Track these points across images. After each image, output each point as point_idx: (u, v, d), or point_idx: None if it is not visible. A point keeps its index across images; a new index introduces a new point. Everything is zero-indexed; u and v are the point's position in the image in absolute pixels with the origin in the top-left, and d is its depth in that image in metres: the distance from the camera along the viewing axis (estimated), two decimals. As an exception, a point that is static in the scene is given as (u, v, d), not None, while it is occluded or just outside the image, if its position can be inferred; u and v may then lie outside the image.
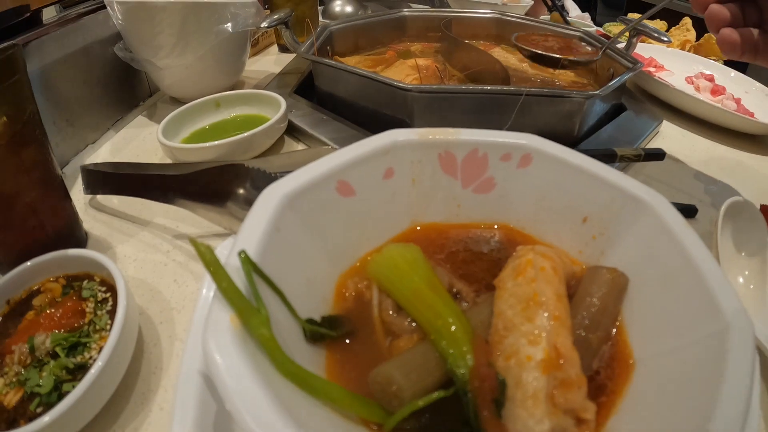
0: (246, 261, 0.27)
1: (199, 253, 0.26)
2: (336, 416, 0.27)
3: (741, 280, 0.58)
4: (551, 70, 0.98)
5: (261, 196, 0.33)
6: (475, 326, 0.33)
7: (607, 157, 0.66)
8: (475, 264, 0.41)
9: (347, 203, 0.38)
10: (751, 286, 0.57)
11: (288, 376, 0.25)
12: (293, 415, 0.22)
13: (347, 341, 0.33)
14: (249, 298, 0.26)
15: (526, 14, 1.30)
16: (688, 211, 0.68)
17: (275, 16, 0.84)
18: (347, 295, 0.36)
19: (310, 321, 0.32)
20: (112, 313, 0.45)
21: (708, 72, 1.12)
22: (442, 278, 0.36)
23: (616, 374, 0.33)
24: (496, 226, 0.44)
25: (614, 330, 0.36)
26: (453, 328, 0.31)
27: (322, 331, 0.32)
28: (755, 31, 0.56)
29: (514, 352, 0.30)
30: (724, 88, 1.06)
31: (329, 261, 0.37)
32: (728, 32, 0.56)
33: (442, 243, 0.42)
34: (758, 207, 0.69)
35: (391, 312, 0.34)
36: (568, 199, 0.42)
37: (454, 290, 0.37)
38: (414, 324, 0.33)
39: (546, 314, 0.31)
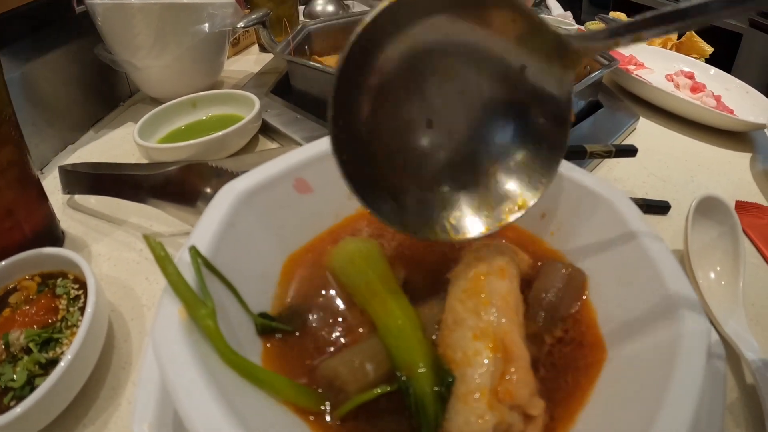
0: (195, 256, 0.28)
1: (151, 248, 0.27)
2: (278, 406, 0.28)
3: (712, 275, 0.58)
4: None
5: (218, 194, 0.33)
6: (427, 321, 0.33)
7: (577, 153, 0.66)
8: (435, 255, 0.41)
9: (304, 200, 0.39)
10: (723, 282, 0.57)
11: (232, 367, 0.26)
12: (233, 405, 0.23)
13: (297, 334, 0.34)
14: (197, 291, 0.27)
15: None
16: (661, 208, 0.68)
17: (252, 16, 0.85)
18: (302, 287, 0.37)
19: (263, 315, 0.33)
20: (83, 310, 0.46)
21: (688, 69, 1.12)
22: (397, 273, 0.37)
23: (589, 371, 0.33)
24: None
25: (566, 325, 0.36)
26: (400, 323, 0.31)
27: (274, 325, 0.32)
28: None
29: (461, 347, 0.31)
30: (704, 86, 1.05)
31: (285, 257, 0.38)
32: None
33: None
34: (734, 203, 0.70)
35: (344, 305, 0.35)
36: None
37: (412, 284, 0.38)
38: (365, 318, 0.34)
39: (494, 310, 0.32)
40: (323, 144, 0.40)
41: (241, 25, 0.84)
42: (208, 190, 0.50)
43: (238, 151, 0.76)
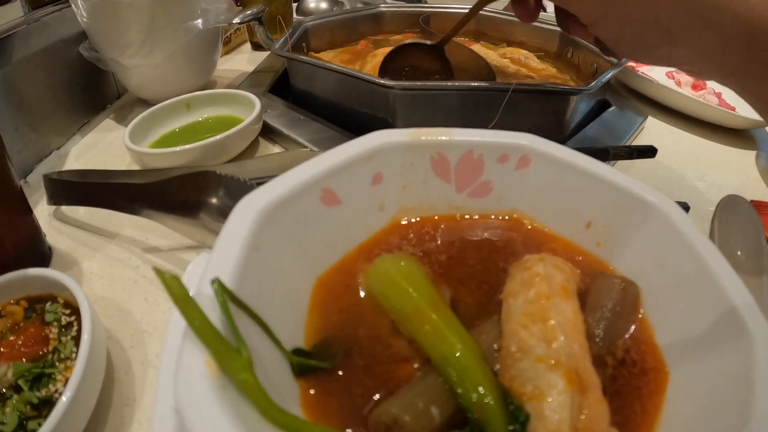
0: (221, 291, 0.23)
1: (165, 285, 0.22)
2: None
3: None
4: (533, 65, 0.95)
5: (236, 210, 0.29)
6: (486, 349, 0.29)
7: (600, 153, 0.63)
8: (480, 271, 0.37)
9: (333, 214, 0.34)
10: (747, 286, 0.54)
11: (280, 428, 0.21)
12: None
13: (340, 372, 0.29)
14: (227, 337, 0.23)
15: (504, 9, 1.28)
16: (680, 209, 0.66)
17: (248, 12, 0.80)
18: (336, 314, 0.32)
19: (298, 351, 0.28)
20: (77, 340, 0.41)
21: (688, 66, 1.10)
22: (443, 294, 0.32)
23: (654, 395, 0.30)
24: (506, 217, 0.41)
25: (626, 344, 0.33)
26: (458, 353, 0.27)
27: (312, 363, 0.28)
28: None
29: (530, 378, 0.27)
30: (704, 83, 1.05)
31: (313, 280, 0.34)
32: None
33: (438, 240, 0.39)
34: (747, 199, 0.68)
35: (388, 334, 0.31)
36: (569, 202, 0.39)
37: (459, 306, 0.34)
38: (414, 347, 0.30)
39: (564, 336, 0.28)
40: (350, 149, 0.35)
41: (236, 21, 0.79)
42: (214, 200, 0.45)
43: (238, 155, 0.71)
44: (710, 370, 0.29)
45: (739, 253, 0.57)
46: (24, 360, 0.40)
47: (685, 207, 0.66)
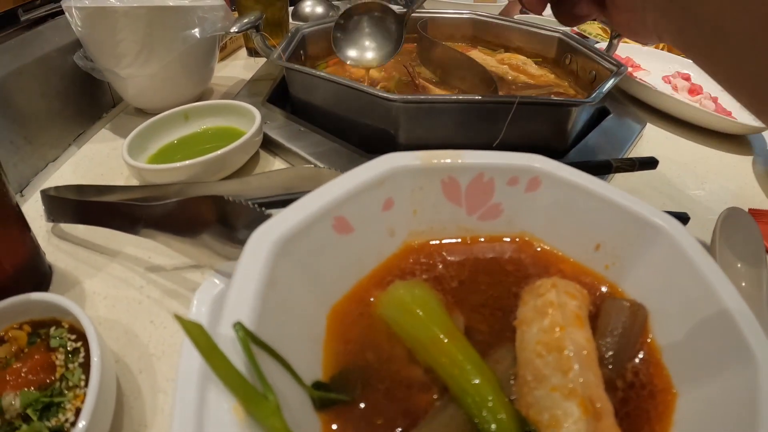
0: (244, 336, 0.23)
1: (188, 334, 0.22)
2: None
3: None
4: (531, 71, 0.95)
5: (249, 244, 0.28)
6: (501, 377, 0.30)
7: (603, 168, 0.64)
8: (492, 298, 0.37)
9: (345, 242, 0.34)
10: (748, 298, 0.55)
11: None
12: None
13: (360, 404, 0.29)
14: (252, 382, 0.22)
15: (499, 14, 1.28)
16: (680, 220, 0.66)
17: (245, 20, 0.79)
18: (352, 344, 0.32)
19: (317, 385, 0.28)
20: (85, 366, 0.40)
21: (684, 71, 1.11)
22: (456, 321, 0.33)
23: (662, 418, 0.31)
24: (516, 239, 0.41)
25: (635, 367, 0.34)
26: (476, 383, 0.28)
27: (332, 397, 0.28)
28: None
29: (547, 407, 0.28)
30: (701, 87, 1.05)
31: (327, 310, 0.33)
32: None
33: (449, 264, 0.39)
34: (746, 211, 0.68)
35: (404, 363, 0.31)
36: (579, 225, 0.39)
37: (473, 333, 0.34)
38: (432, 377, 0.30)
39: (579, 365, 0.29)
40: (360, 174, 0.35)
41: (234, 29, 0.78)
42: (218, 224, 0.45)
43: (238, 169, 0.70)
44: (716, 392, 0.30)
45: (739, 265, 0.58)
46: (31, 388, 0.39)
47: (686, 218, 0.66)
